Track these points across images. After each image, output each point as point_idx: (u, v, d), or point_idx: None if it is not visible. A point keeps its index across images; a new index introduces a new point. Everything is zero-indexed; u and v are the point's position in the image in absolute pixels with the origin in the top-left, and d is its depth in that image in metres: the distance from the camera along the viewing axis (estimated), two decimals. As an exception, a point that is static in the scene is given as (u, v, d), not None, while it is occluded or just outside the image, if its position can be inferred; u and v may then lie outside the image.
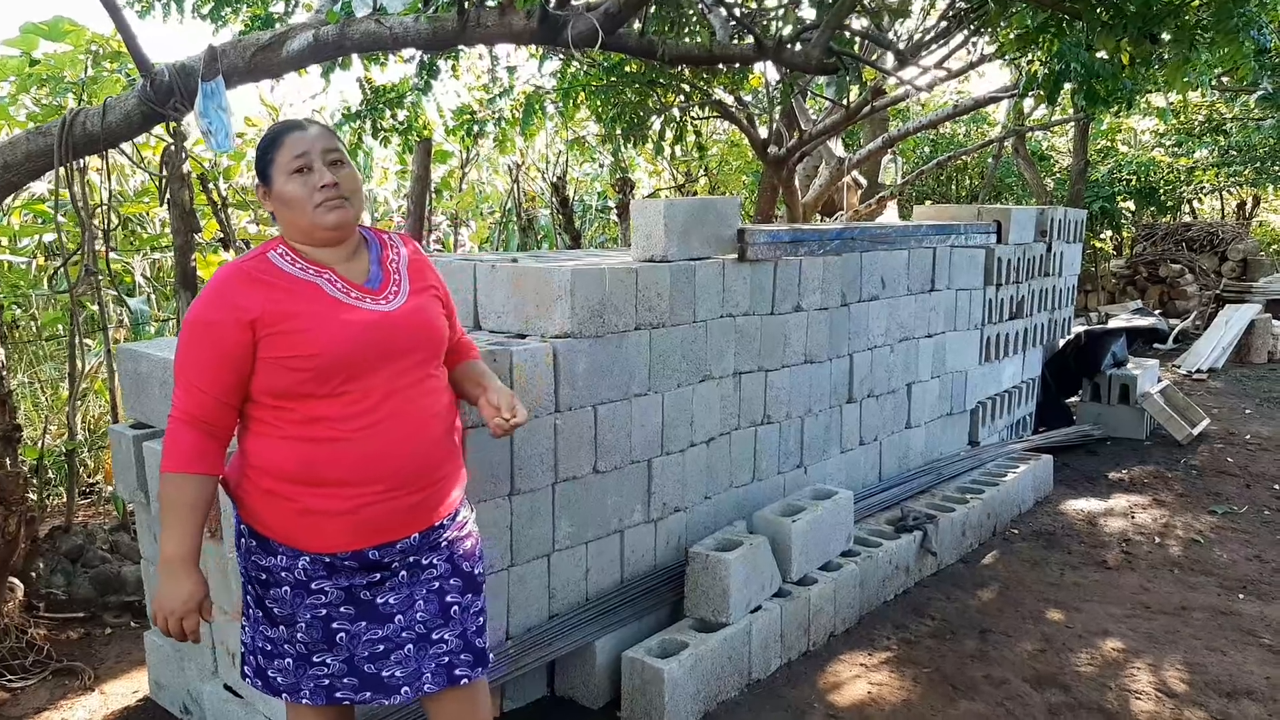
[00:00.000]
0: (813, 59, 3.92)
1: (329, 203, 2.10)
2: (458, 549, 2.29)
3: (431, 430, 2.19)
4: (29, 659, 3.79)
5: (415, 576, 2.22)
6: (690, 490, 3.91)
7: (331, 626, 2.17)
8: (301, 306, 2.06)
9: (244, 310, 2.03)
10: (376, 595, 2.18)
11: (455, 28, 3.46)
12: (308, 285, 2.10)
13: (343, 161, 2.15)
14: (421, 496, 2.17)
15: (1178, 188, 15.49)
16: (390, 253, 2.28)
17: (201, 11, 5.49)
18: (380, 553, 2.16)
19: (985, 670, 3.72)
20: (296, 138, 2.12)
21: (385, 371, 2.11)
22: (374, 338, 2.10)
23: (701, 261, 3.87)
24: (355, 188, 2.16)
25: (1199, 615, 4.25)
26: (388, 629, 2.19)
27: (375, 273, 2.21)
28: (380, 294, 2.17)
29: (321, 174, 2.09)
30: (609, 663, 3.43)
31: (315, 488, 2.08)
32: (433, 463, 2.19)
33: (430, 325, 2.22)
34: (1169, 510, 5.65)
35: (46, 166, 3.45)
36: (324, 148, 2.12)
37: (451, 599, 2.26)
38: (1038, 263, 6.52)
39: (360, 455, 2.09)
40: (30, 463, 4.98)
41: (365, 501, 2.10)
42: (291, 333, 2.03)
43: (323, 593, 2.15)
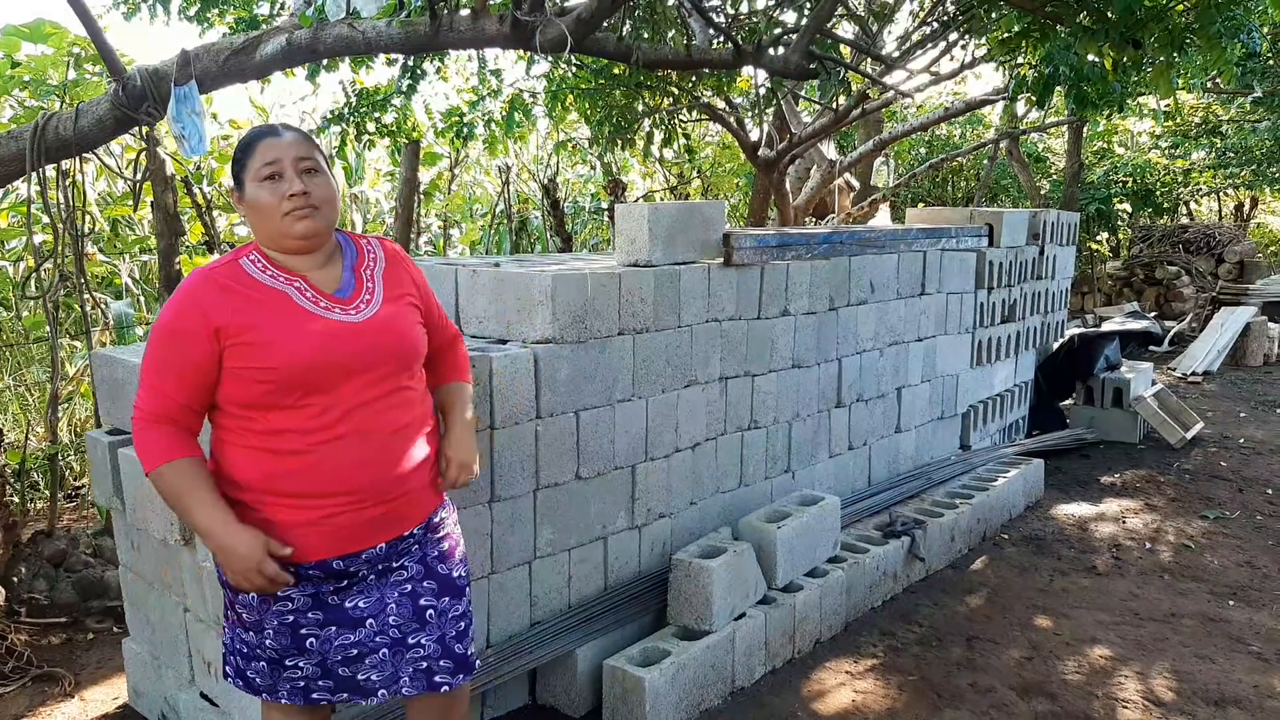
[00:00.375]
0: (792, 64, 3.90)
1: (297, 212, 2.07)
2: (431, 551, 2.27)
3: (398, 444, 2.15)
4: (9, 665, 3.76)
5: (384, 579, 2.20)
6: (675, 496, 3.88)
7: (300, 633, 2.15)
8: (266, 317, 2.04)
9: (210, 319, 2.01)
10: (345, 599, 2.16)
11: (428, 32, 3.44)
12: (276, 295, 2.08)
13: (316, 170, 2.11)
14: (387, 508, 2.14)
15: (1174, 190, 15.46)
16: (366, 259, 2.24)
17: (188, 14, 5.46)
18: (345, 562, 2.14)
19: (971, 678, 3.69)
20: (269, 144, 2.09)
21: (351, 384, 2.08)
22: (338, 350, 2.06)
23: (686, 266, 3.84)
24: (327, 196, 2.12)
25: (1188, 622, 4.22)
26: (359, 634, 2.17)
27: (348, 280, 2.17)
28: (350, 303, 2.13)
29: (292, 182, 2.07)
30: (591, 670, 3.40)
31: (278, 498, 2.07)
32: (399, 475, 2.15)
33: (402, 337, 2.17)
34: (1160, 515, 5.62)
35: (19, 172, 3.42)
36: (296, 155, 2.08)
37: (426, 602, 2.23)
38: (1030, 266, 6.49)
39: (322, 469, 2.06)
40: (13, 466, 4.95)
41: (328, 513, 2.08)
42: (254, 344, 2.01)
43: (289, 599, 2.13)
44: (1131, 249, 14.85)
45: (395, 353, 2.14)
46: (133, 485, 3.06)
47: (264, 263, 2.12)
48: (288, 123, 2.29)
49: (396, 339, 2.15)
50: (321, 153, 2.19)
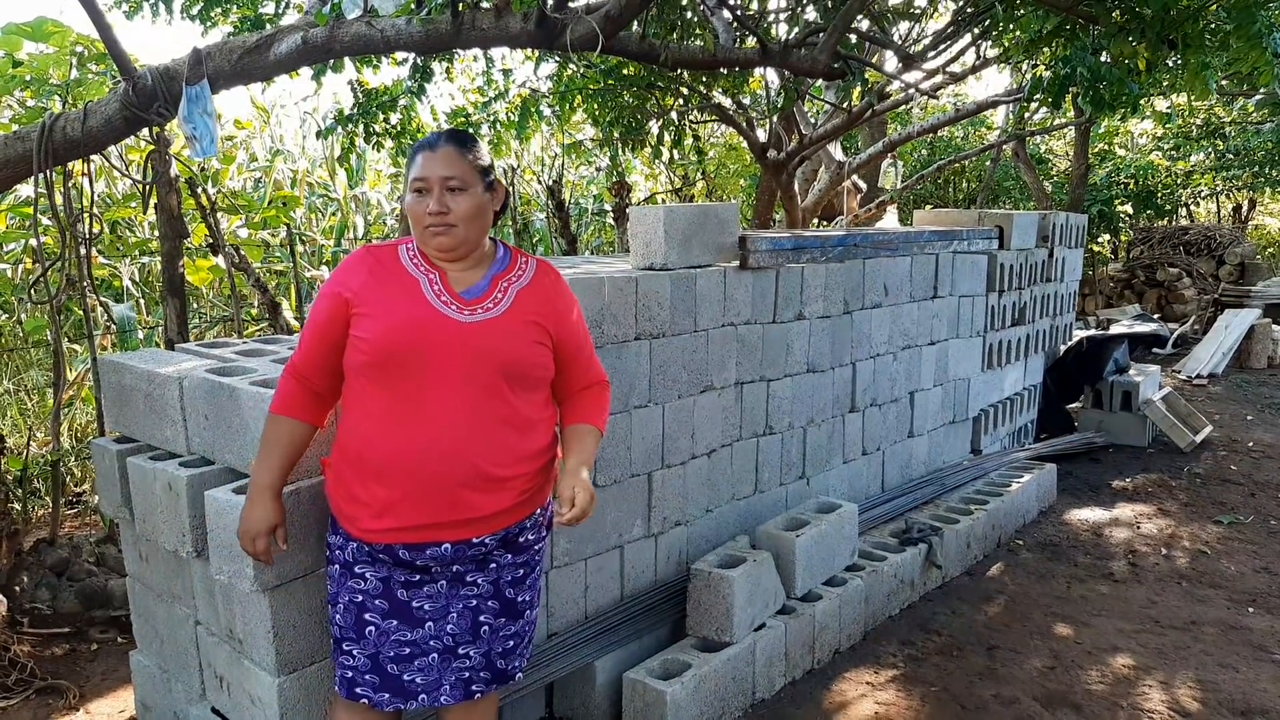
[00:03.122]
0: (819, 63, 3.83)
1: (434, 228, 2.19)
2: (506, 575, 2.32)
3: (478, 448, 2.17)
4: (12, 677, 3.69)
5: (455, 590, 2.26)
6: (691, 503, 3.82)
7: (364, 617, 2.25)
8: (388, 296, 2.18)
9: (346, 287, 2.21)
10: (413, 598, 2.24)
11: (449, 30, 3.36)
12: (409, 280, 2.21)
13: (461, 189, 2.19)
14: (451, 508, 2.18)
15: (1175, 191, 15.44)
16: (512, 273, 2.31)
17: (190, 13, 5.38)
18: (411, 554, 2.20)
19: (995, 689, 3.62)
20: (424, 158, 2.20)
21: (442, 378, 2.15)
22: (428, 340, 2.14)
23: (702, 269, 3.77)
24: (468, 214, 2.20)
25: (1209, 630, 4.16)
26: (417, 633, 2.25)
27: (481, 286, 2.26)
28: (472, 305, 2.21)
29: (433, 200, 2.18)
30: (609, 683, 3.33)
31: (360, 473, 2.19)
32: (467, 478, 2.17)
33: (506, 348, 2.20)
34: (1174, 520, 5.57)
35: (26, 173, 3.35)
36: (443, 175, 2.18)
37: (484, 619, 2.30)
38: (1040, 268, 6.44)
39: (392, 451, 2.15)
40: (14, 473, 4.87)
41: (394, 497, 2.16)
42: (366, 316, 2.17)
43: (362, 579, 2.24)
44: (1131, 251, 14.82)
45: (495, 361, 2.18)
46: (142, 495, 2.98)
47: (416, 253, 2.28)
48: (456, 130, 2.31)
49: (499, 348, 2.19)
50: (479, 164, 2.25)
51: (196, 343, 3.83)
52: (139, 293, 6.47)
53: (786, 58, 3.93)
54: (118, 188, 6.85)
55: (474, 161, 2.24)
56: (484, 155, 2.30)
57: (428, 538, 2.20)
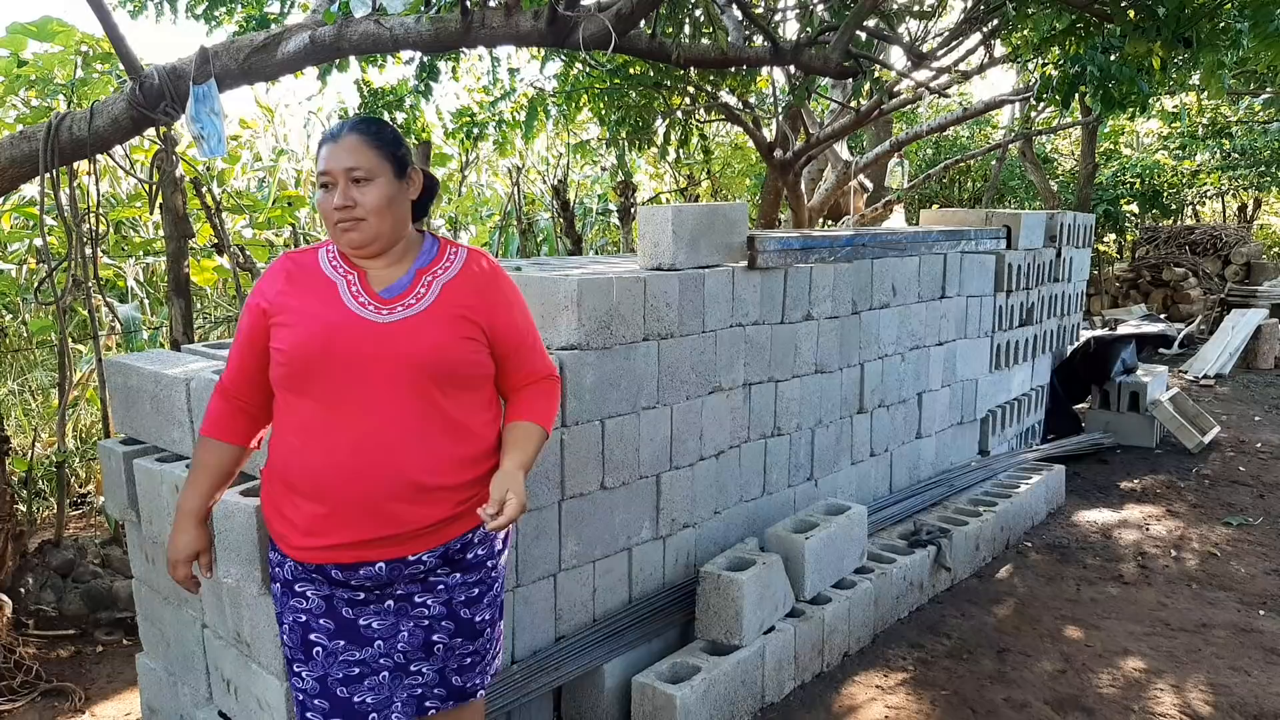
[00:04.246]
0: (831, 62, 3.80)
1: (342, 224, 2.05)
2: (459, 596, 2.14)
3: (405, 458, 2.01)
4: (17, 679, 3.67)
5: (404, 611, 2.11)
6: (700, 505, 3.79)
7: (309, 637, 2.11)
8: (304, 303, 2.05)
9: (264, 297, 2.10)
10: (359, 616, 2.10)
11: (459, 29, 3.33)
12: (327, 284, 2.08)
13: (367, 179, 2.04)
14: (381, 526, 2.02)
15: (1181, 191, 15.40)
16: (438, 266, 2.14)
17: (195, 12, 5.36)
18: (344, 574, 2.05)
19: (1005, 692, 3.60)
20: (326, 151, 2.06)
21: (360, 384, 2.00)
22: (342, 345, 2.00)
23: (710, 270, 3.75)
24: (377, 206, 2.04)
25: (1220, 633, 4.13)
26: (366, 652, 2.10)
27: (403, 282, 2.10)
28: (391, 304, 2.05)
29: (338, 194, 2.03)
30: (618, 686, 3.31)
31: (287, 489, 2.08)
32: (394, 493, 2.01)
33: (429, 346, 2.02)
34: (1183, 521, 5.54)
35: (32, 173, 3.33)
36: (347, 166, 2.02)
37: (438, 638, 2.14)
38: (1047, 268, 6.41)
39: (314, 467, 2.02)
40: (20, 474, 4.85)
41: (320, 516, 2.03)
42: (282, 325, 2.05)
43: (304, 597, 2.10)
44: (1137, 250, 14.78)
45: (417, 361, 2.01)
46: (149, 497, 2.96)
47: (335, 255, 2.14)
48: (362, 118, 2.14)
49: (420, 347, 2.02)
50: (388, 151, 2.08)
51: (202, 343, 3.81)
52: (143, 293, 6.45)
53: (798, 56, 3.90)
54: (122, 187, 6.83)
55: (381, 148, 2.07)
56: (394, 140, 2.11)
57: (359, 557, 2.03)
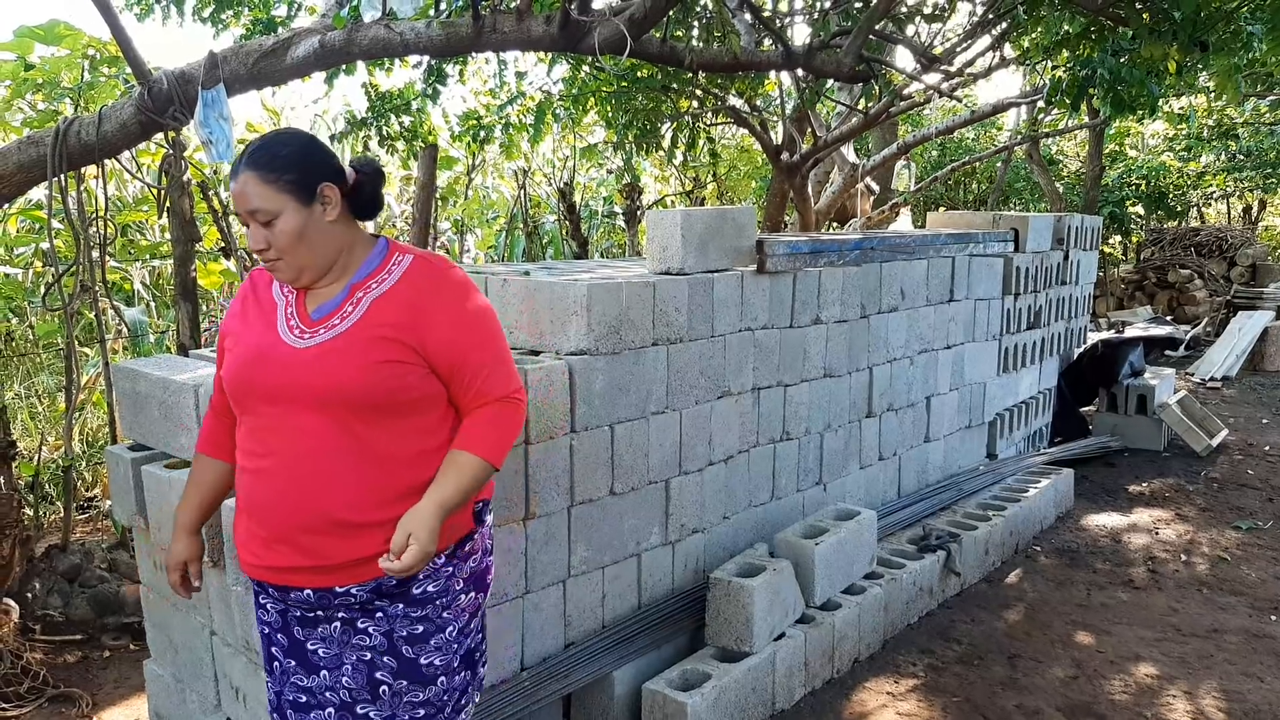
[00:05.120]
0: (844, 66, 3.79)
1: (264, 264, 1.98)
2: (400, 629, 1.99)
3: (317, 493, 1.90)
4: (24, 685, 3.66)
5: (347, 637, 2.00)
6: (709, 511, 3.78)
7: (270, 650, 2.11)
8: (245, 328, 2.03)
9: (226, 318, 2.11)
10: (308, 639, 2.03)
11: (470, 34, 3.31)
12: (272, 307, 2.02)
13: (271, 219, 1.89)
14: (297, 555, 1.94)
15: (1186, 192, 15.37)
16: (374, 280, 1.98)
17: (201, 15, 5.36)
18: (278, 594, 2.02)
19: (1017, 699, 3.58)
20: (232, 189, 1.94)
21: (286, 413, 1.91)
22: (255, 374, 1.94)
23: (719, 274, 3.73)
24: (289, 242, 1.90)
25: (1232, 639, 4.11)
26: (313, 681, 2.03)
27: (333, 302, 1.96)
28: (315, 327, 1.94)
29: (251, 236, 1.94)
30: (628, 694, 3.29)
31: (239, 505, 2.06)
32: (309, 528, 1.92)
33: (337, 375, 1.87)
34: (1192, 525, 5.51)
35: (40, 178, 3.32)
36: (249, 209, 1.89)
37: (381, 677, 2.00)
38: (1055, 271, 6.39)
39: (244, 490, 2.02)
40: (26, 478, 4.85)
41: (255, 537, 2.00)
42: (228, 350, 2.05)
43: (264, 609, 2.10)
44: (1142, 252, 14.75)
45: (328, 390, 1.87)
46: (157, 504, 2.95)
47: None
48: (257, 148, 1.94)
49: (330, 376, 1.88)
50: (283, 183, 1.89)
51: (209, 348, 3.80)
52: (149, 296, 6.45)
53: (811, 60, 3.88)
54: (128, 191, 6.83)
55: (278, 181, 1.88)
56: (291, 164, 1.90)
57: (286, 580, 1.97)
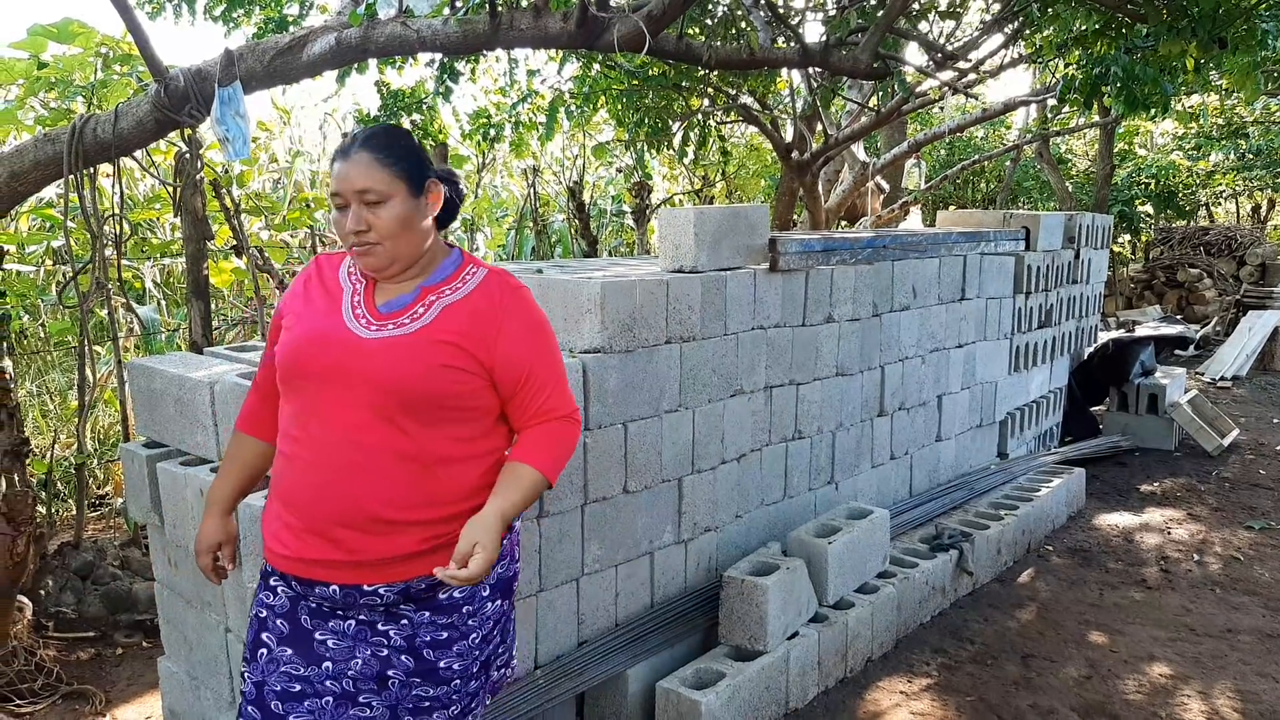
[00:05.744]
0: (861, 63, 3.77)
1: (357, 248, 1.95)
2: (424, 635, 1.96)
3: (358, 486, 1.89)
4: (38, 682, 3.67)
5: (364, 636, 1.96)
6: (721, 509, 3.77)
7: (261, 636, 2.00)
8: (308, 309, 2.02)
9: (286, 296, 2.10)
10: (317, 629, 1.96)
11: (487, 31, 3.30)
12: (336, 292, 2.02)
13: (380, 201, 1.91)
14: (327, 547, 1.91)
15: (1196, 191, 15.32)
16: (448, 286, 2.00)
17: (213, 13, 5.36)
18: (302, 587, 1.96)
19: (1031, 699, 3.57)
20: (337, 170, 1.94)
21: (337, 400, 1.89)
22: (312, 358, 1.92)
23: (732, 272, 3.73)
24: (391, 230, 1.92)
25: (1246, 638, 4.10)
26: (312, 671, 1.94)
27: (405, 299, 1.98)
28: (385, 320, 1.94)
29: (351, 217, 1.92)
30: (641, 692, 3.29)
31: (272, 491, 2.03)
32: (342, 522, 1.90)
33: (400, 372, 1.88)
34: (1205, 525, 5.49)
35: (56, 175, 3.32)
36: (358, 189, 1.90)
37: (392, 673, 1.96)
38: (1066, 270, 6.37)
39: (283, 474, 1.99)
40: (39, 476, 4.86)
41: (285, 525, 1.97)
42: (286, 329, 2.02)
43: (274, 592, 2.02)
44: (1151, 251, 14.71)
45: (387, 385, 1.87)
46: (172, 500, 2.95)
47: (354, 263, 2.06)
48: (375, 131, 2.00)
49: (392, 371, 1.88)
50: (402, 166, 1.94)
51: (224, 346, 3.81)
52: (160, 294, 6.46)
53: (828, 58, 3.86)
54: (139, 189, 6.85)
55: (395, 165, 1.93)
56: (409, 153, 1.97)
57: (314, 574, 1.93)
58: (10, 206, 3.51)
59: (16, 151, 3.42)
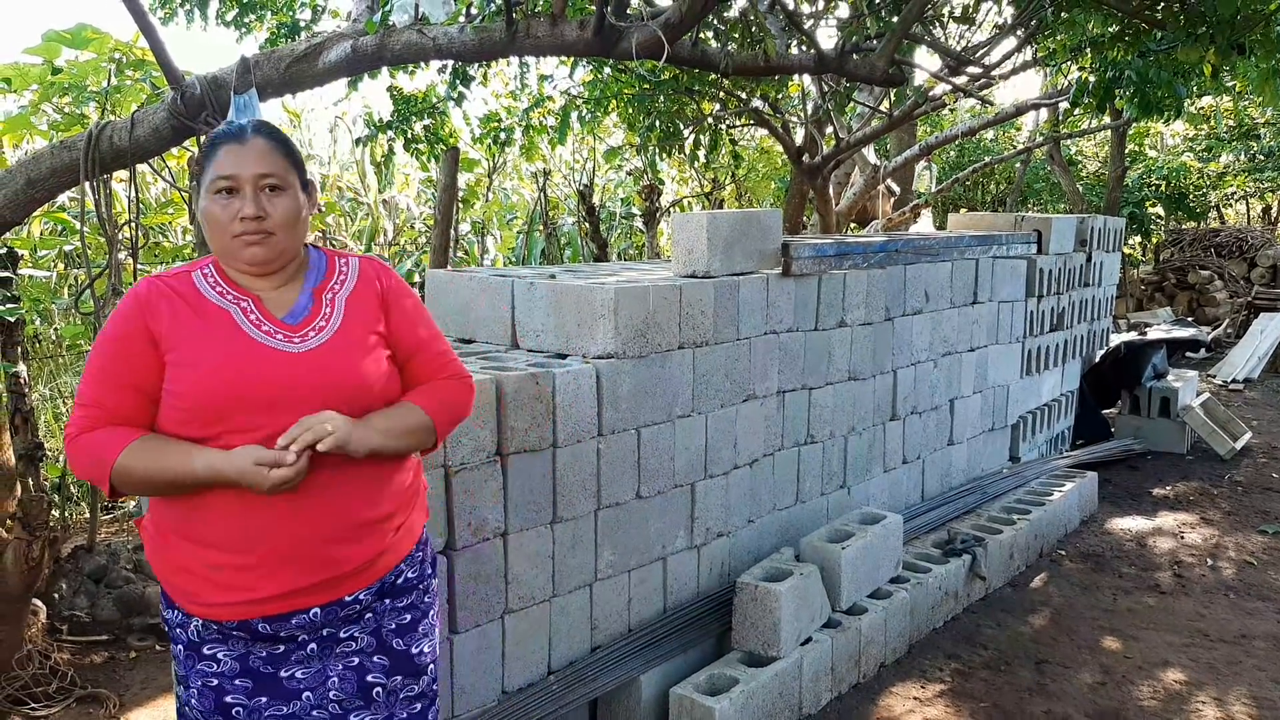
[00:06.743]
0: (877, 70, 3.77)
1: (247, 236, 1.82)
2: (389, 622, 1.96)
3: (333, 500, 1.83)
4: (53, 685, 3.68)
5: (328, 650, 1.90)
6: (734, 514, 3.77)
7: (225, 700, 1.87)
8: (197, 337, 1.80)
9: (150, 327, 1.80)
10: (280, 668, 1.87)
11: (503, 38, 3.30)
12: (219, 314, 1.83)
13: (281, 187, 1.85)
14: (314, 574, 1.83)
15: (1206, 193, 15.26)
16: (333, 281, 1.96)
17: (225, 19, 5.38)
18: (273, 626, 1.84)
19: (1045, 705, 3.56)
20: (229, 151, 1.83)
21: (279, 423, 1.76)
22: (260, 381, 1.78)
23: (745, 277, 3.73)
24: (287, 220, 1.85)
25: (1260, 644, 4.08)
26: (294, 706, 1.88)
27: (303, 304, 1.90)
28: (298, 330, 1.86)
29: (246, 202, 1.81)
30: (655, 698, 3.29)
31: (194, 545, 1.81)
32: (333, 537, 1.84)
33: (348, 372, 1.85)
34: (1218, 530, 5.47)
35: (72, 182, 3.34)
36: (258, 172, 1.82)
37: (374, 679, 1.94)
38: (1078, 273, 6.35)
39: (235, 520, 1.78)
40: (52, 480, 4.88)
41: (240, 570, 1.80)
42: (177, 364, 1.79)
43: (214, 660, 1.86)
44: (1162, 253, 14.66)
45: (337, 390, 1.83)
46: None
47: (216, 277, 1.89)
48: (262, 121, 1.95)
49: (340, 374, 1.84)
50: (295, 159, 1.92)
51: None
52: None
53: (844, 64, 3.86)
54: (150, 194, 6.87)
55: (291, 156, 1.89)
56: (296, 150, 1.92)
57: (292, 606, 1.83)
58: (27, 213, 3.52)
59: (34, 159, 3.44)
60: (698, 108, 6.38)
